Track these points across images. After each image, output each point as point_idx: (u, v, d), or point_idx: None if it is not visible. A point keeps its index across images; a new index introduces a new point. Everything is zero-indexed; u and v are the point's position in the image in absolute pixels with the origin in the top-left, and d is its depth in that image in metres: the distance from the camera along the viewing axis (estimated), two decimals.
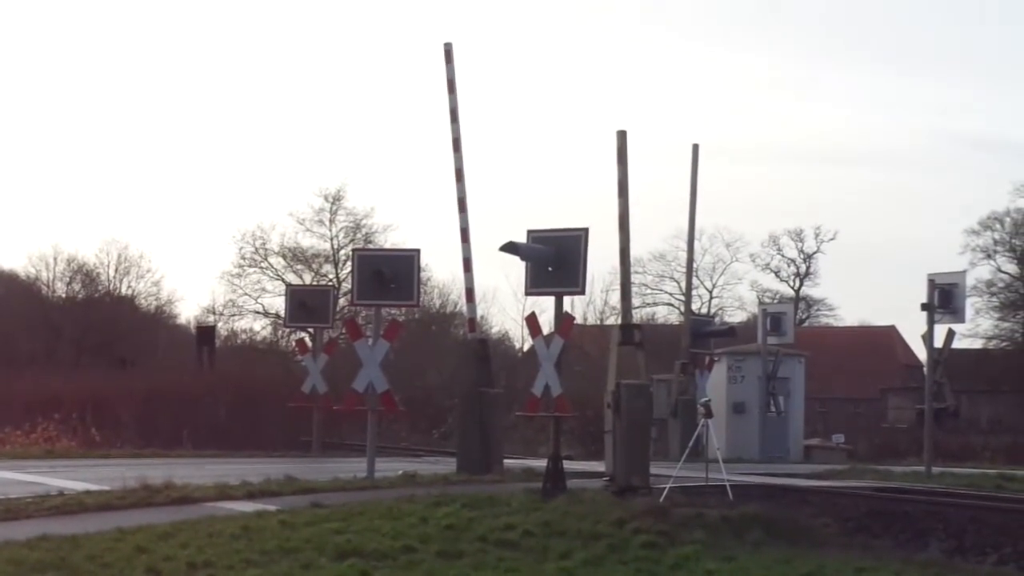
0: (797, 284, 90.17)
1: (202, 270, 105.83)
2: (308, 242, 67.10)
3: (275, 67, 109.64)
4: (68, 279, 65.75)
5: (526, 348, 57.91)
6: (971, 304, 63.68)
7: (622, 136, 21.83)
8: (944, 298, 29.25)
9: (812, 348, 47.49)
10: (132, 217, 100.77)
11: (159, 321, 66.99)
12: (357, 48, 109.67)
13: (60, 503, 17.31)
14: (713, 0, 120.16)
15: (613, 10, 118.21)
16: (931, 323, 29.60)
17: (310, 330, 34.80)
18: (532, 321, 22.04)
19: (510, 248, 20.87)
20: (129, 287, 66.91)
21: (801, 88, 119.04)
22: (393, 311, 35.17)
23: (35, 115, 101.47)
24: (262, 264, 66.94)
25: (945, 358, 31.46)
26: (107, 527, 15.14)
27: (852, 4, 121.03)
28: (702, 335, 38.30)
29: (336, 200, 66.86)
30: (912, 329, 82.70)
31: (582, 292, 22.42)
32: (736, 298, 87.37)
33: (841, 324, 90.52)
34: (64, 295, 65.26)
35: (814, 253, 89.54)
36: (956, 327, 31.63)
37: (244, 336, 65.94)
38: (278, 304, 62.31)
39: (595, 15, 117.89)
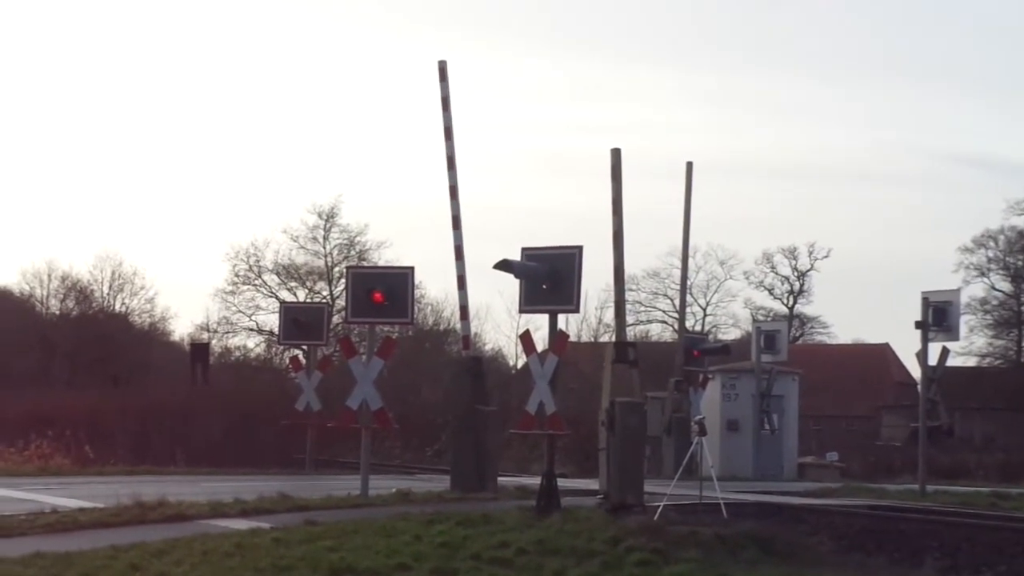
0: (791, 302, 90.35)
1: (196, 287, 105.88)
2: (302, 259, 67.21)
3: (269, 84, 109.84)
4: (62, 296, 65.80)
5: (520, 365, 57.89)
6: (965, 322, 63.78)
7: (616, 154, 21.86)
8: (938, 316, 29.25)
9: (806, 366, 47.64)
10: (126, 234, 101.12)
11: (153, 338, 66.88)
12: (352, 65, 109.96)
13: (54, 520, 17.29)
14: (708, 21, 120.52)
15: (608, 28, 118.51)
16: (925, 341, 29.61)
17: (304, 347, 34.72)
18: (526, 339, 22.01)
19: (504, 266, 20.87)
20: (123, 304, 66.96)
21: (795, 106, 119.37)
22: (387, 328, 35.18)
23: (29, 131, 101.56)
24: (256, 281, 66.99)
25: (939, 376, 31.51)
26: (101, 544, 15.10)
27: (848, 24, 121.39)
28: (696, 353, 38.27)
29: (330, 217, 67.01)
30: (906, 347, 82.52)
31: (576, 310, 22.41)
32: (730, 316, 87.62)
33: (835, 342, 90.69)
34: (58, 312, 65.24)
35: (808, 271, 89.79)
36: (950, 345, 31.67)
37: (238, 353, 65.92)
38: (272, 321, 62.46)
39: (590, 33, 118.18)
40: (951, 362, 34.00)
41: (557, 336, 21.53)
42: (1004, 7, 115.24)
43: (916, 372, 38.24)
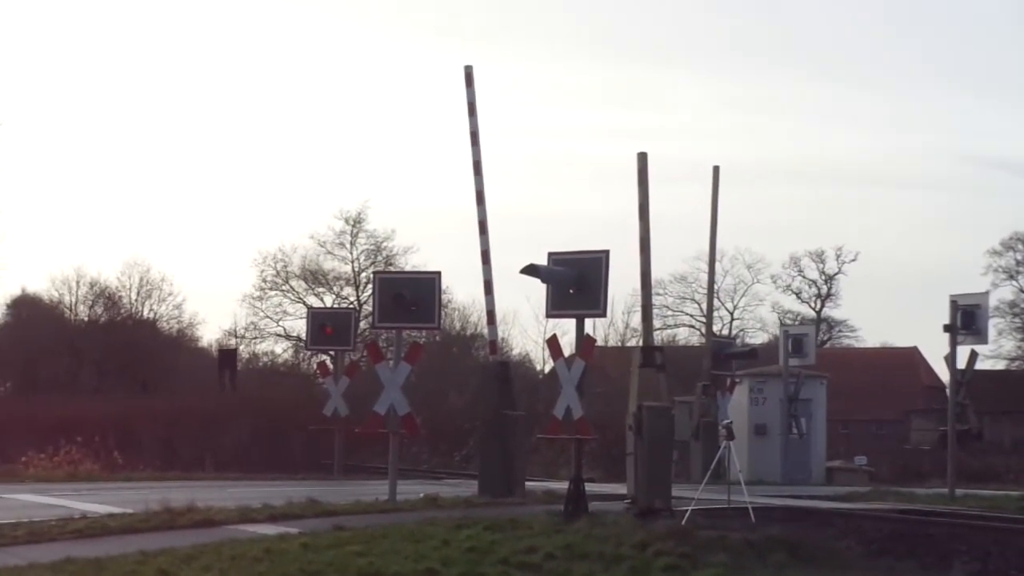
0: (818, 305, 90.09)
1: (224, 293, 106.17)
2: (329, 264, 67.39)
3: (296, 90, 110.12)
4: (91, 302, 66.01)
5: (547, 370, 57.89)
6: (994, 325, 63.71)
7: (643, 158, 21.82)
8: (967, 319, 29.13)
9: (834, 370, 47.40)
10: (154, 240, 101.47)
11: (181, 344, 67.11)
12: (378, 71, 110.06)
13: (83, 526, 17.35)
14: (733, 25, 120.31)
15: (634, 31, 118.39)
16: (954, 344, 29.50)
17: (331, 353, 34.77)
18: (553, 343, 22.00)
19: (531, 270, 20.86)
20: (151, 310, 67.17)
21: (821, 110, 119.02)
22: (414, 333, 35.26)
23: (57, 139, 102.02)
24: (283, 287, 67.18)
25: (968, 379, 31.32)
26: (130, 550, 15.17)
27: (873, 27, 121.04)
28: (724, 357, 38.22)
29: (357, 223, 67.15)
30: (934, 350, 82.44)
31: (603, 314, 22.35)
32: (757, 320, 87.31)
33: (863, 345, 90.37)
34: (87, 318, 65.48)
35: (835, 274, 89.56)
36: (979, 348, 31.49)
37: (265, 359, 66.10)
38: (299, 327, 62.55)
39: (616, 37, 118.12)
40: (980, 365, 33.85)
41: (584, 340, 21.49)
42: None
43: (945, 376, 38.12)
